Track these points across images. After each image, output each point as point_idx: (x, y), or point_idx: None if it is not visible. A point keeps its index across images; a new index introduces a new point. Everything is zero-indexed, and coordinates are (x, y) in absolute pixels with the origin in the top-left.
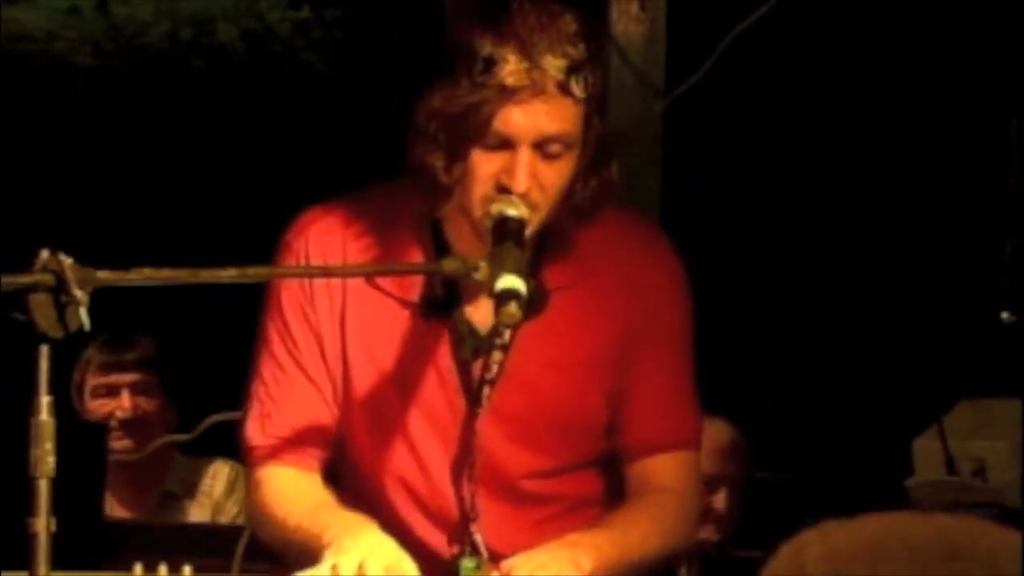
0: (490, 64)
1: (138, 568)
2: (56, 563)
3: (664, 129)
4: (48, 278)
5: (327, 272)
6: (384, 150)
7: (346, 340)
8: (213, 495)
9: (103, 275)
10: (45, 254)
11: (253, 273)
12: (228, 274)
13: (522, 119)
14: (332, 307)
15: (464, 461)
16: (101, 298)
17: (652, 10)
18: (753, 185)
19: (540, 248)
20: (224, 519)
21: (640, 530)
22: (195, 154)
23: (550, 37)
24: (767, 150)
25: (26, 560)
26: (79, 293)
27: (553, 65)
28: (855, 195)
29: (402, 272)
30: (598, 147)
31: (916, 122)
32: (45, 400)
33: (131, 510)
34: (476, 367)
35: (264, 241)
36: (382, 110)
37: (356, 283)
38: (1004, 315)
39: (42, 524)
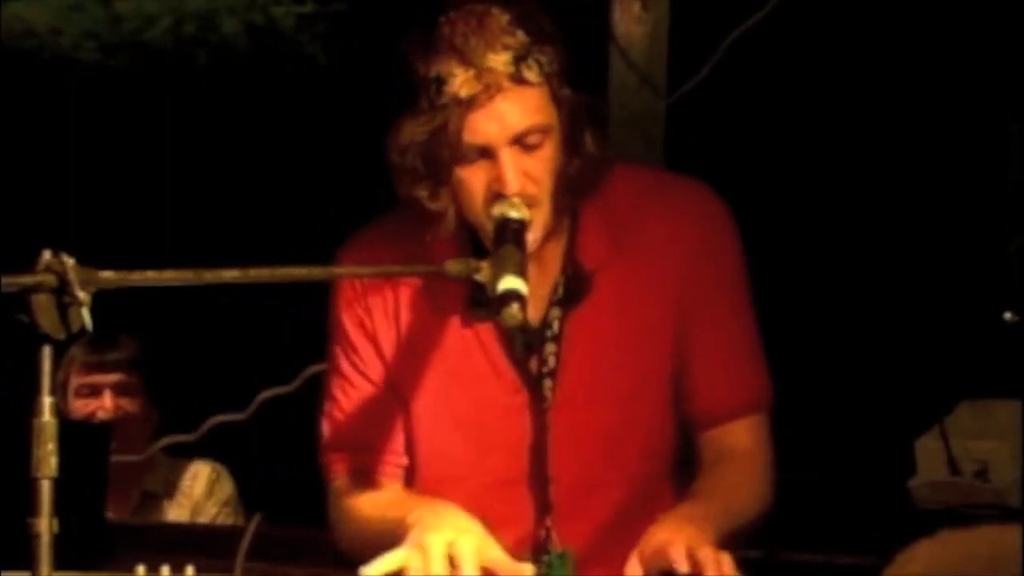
0: (440, 83)
1: (141, 569)
2: (58, 563)
3: (666, 130)
4: (50, 279)
5: (333, 275)
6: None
7: (403, 352)
8: (193, 495)
9: (106, 276)
10: (47, 255)
11: (255, 274)
12: (231, 275)
13: (490, 124)
14: (387, 317)
15: (534, 457)
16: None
17: (654, 10)
18: (755, 186)
19: (572, 231)
20: (203, 520)
21: (740, 498)
22: (199, 149)
23: (485, 36)
24: (769, 151)
25: (28, 560)
26: (82, 294)
27: (498, 61)
28: (858, 195)
29: (408, 273)
30: (572, 120)
31: (918, 122)
32: (47, 401)
33: (110, 510)
34: (532, 363)
35: (268, 236)
36: (387, 104)
37: (407, 296)
38: (1007, 315)
39: (44, 525)
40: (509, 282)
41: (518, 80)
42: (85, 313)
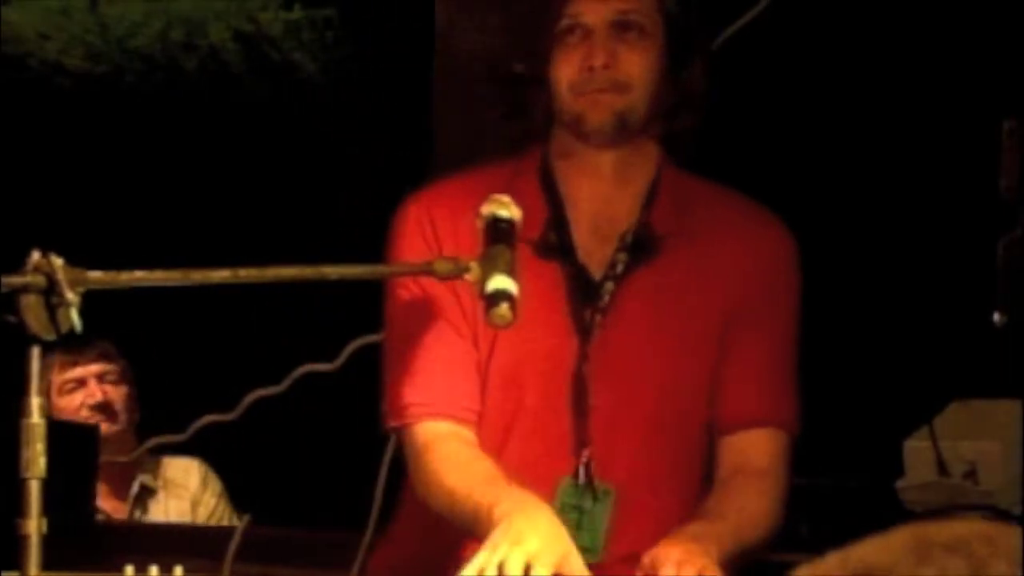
0: None
1: (129, 569)
2: (47, 564)
3: None
4: (39, 279)
5: (323, 275)
6: (377, 151)
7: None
8: (190, 487)
9: (95, 276)
10: (36, 255)
11: (245, 274)
12: (220, 275)
13: (592, 2)
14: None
15: (578, 391)
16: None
17: None
18: (748, 185)
19: (652, 193)
20: (204, 510)
21: (749, 518)
22: (186, 155)
23: None
24: (761, 151)
25: (17, 561)
26: (71, 294)
27: None
28: (847, 195)
29: (397, 274)
30: (675, 40)
31: (911, 121)
32: (36, 401)
33: (110, 506)
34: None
35: (256, 240)
36: (373, 111)
37: (472, 233)
38: (996, 316)
39: (33, 525)
40: (499, 282)
41: None
42: (74, 314)
